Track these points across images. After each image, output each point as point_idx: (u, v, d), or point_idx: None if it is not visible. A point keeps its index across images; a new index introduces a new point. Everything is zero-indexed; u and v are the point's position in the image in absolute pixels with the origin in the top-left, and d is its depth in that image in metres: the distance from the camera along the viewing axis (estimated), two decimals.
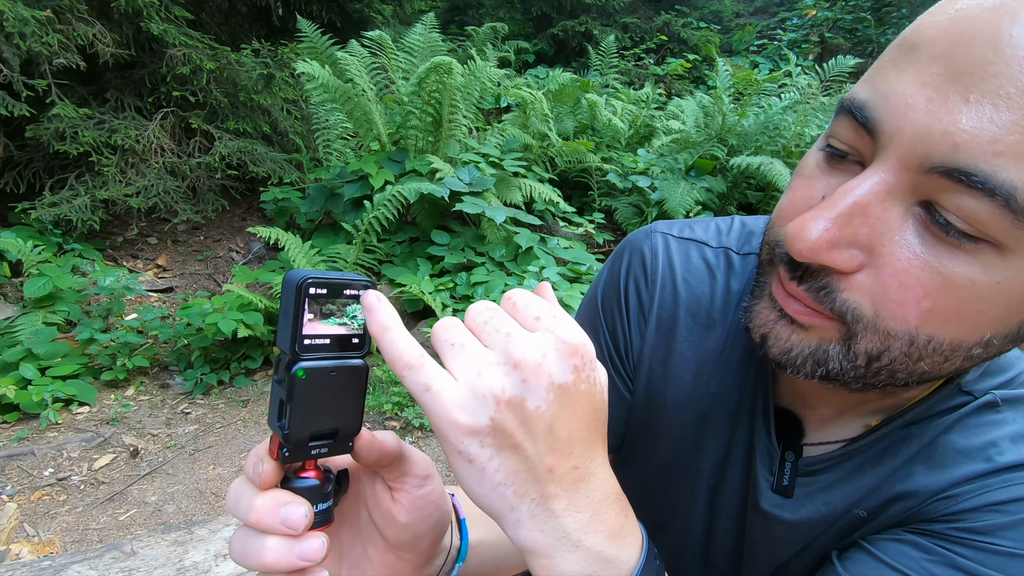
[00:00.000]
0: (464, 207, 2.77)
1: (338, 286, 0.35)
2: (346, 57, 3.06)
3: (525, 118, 3.82)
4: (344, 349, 0.35)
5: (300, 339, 0.33)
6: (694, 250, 0.59)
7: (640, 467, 0.64)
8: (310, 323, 0.34)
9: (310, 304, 0.33)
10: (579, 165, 3.93)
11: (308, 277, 0.33)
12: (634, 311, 0.59)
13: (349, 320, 0.35)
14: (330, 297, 0.34)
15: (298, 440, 0.35)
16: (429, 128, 3.23)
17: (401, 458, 0.39)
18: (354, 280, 0.35)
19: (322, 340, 0.34)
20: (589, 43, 5.85)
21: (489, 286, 2.58)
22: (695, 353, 0.57)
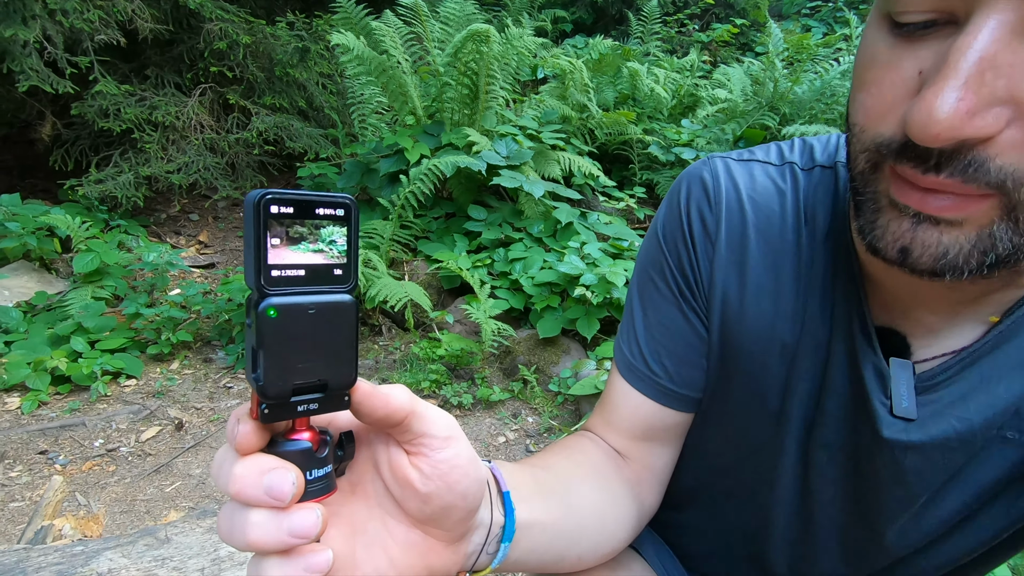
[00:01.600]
0: (501, 181, 2.69)
1: (307, 204, 0.29)
2: (381, 27, 2.99)
3: (563, 89, 3.68)
4: (324, 282, 0.30)
5: (266, 270, 0.28)
6: (758, 169, 0.54)
7: (716, 421, 0.58)
8: (277, 250, 0.28)
9: (273, 226, 0.28)
10: (619, 137, 3.79)
11: (268, 193, 0.28)
12: (699, 237, 0.54)
13: (326, 246, 0.30)
14: (298, 217, 0.29)
15: (277, 393, 0.29)
16: (465, 100, 3.14)
17: (414, 415, 0.33)
18: (327, 198, 0.30)
19: (294, 271, 0.29)
20: (629, 9, 5.60)
21: (527, 262, 2.51)
22: (771, 279, 0.51)
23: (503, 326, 2.16)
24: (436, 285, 2.68)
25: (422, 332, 2.52)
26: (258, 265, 0.28)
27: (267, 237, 0.28)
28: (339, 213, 0.31)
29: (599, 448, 0.59)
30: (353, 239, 0.31)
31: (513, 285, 2.50)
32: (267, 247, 0.28)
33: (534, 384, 2.18)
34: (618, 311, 2.25)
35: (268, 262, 0.28)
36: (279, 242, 0.28)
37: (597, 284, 2.15)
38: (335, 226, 0.30)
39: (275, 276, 0.28)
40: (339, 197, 0.30)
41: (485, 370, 2.28)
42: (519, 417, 2.10)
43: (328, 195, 0.30)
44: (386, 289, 2.22)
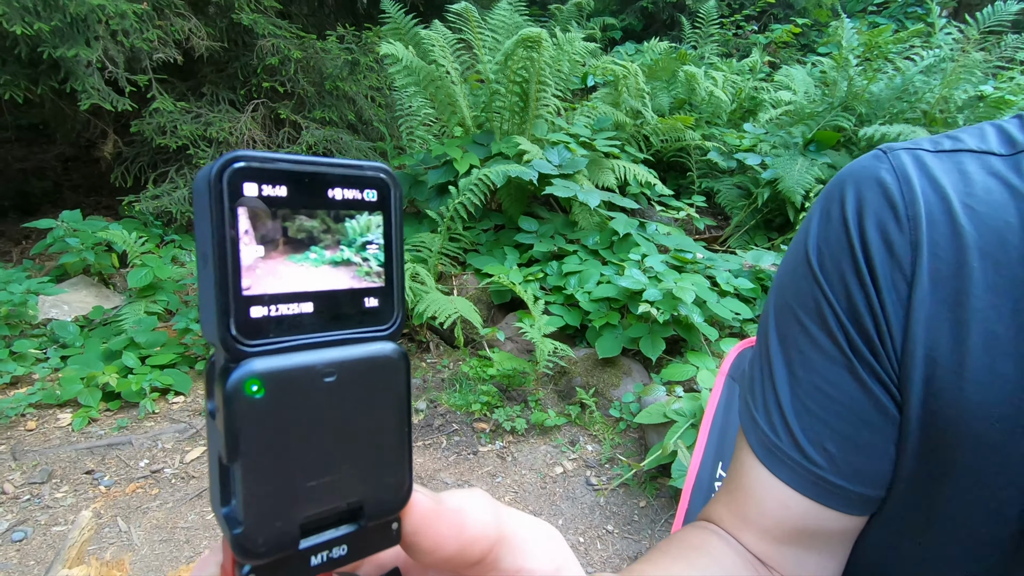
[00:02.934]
0: (554, 190, 2.55)
1: (313, 178, 0.16)
2: (430, 35, 2.92)
3: (616, 95, 3.53)
4: (348, 322, 0.17)
5: (240, 307, 0.15)
6: (971, 163, 0.38)
7: (913, 534, 0.41)
8: (260, 268, 0.16)
9: (255, 223, 0.15)
10: (676, 144, 3.60)
11: (237, 160, 0.15)
12: (882, 267, 0.38)
13: (353, 252, 0.17)
14: (298, 205, 0.16)
15: (271, 545, 0.16)
16: (515, 108, 3.03)
17: (503, 544, 0.20)
18: (347, 168, 0.17)
19: (295, 306, 0.16)
20: (682, 14, 5.41)
21: (583, 276, 2.35)
22: (1011, 327, 0.34)
23: (561, 346, 2.01)
24: (486, 300, 2.56)
25: (472, 350, 2.39)
26: (224, 299, 0.15)
27: (238, 246, 0.15)
28: (369, 196, 0.17)
29: (731, 551, 0.43)
30: (395, 240, 0.18)
31: (568, 300, 2.35)
32: (239, 264, 0.15)
33: (593, 408, 2.01)
34: (685, 330, 2.06)
35: (243, 292, 0.15)
36: (264, 252, 0.16)
37: (662, 300, 1.97)
38: (364, 218, 0.17)
39: (258, 318, 0.16)
40: (367, 167, 0.17)
41: (539, 392, 2.13)
42: (577, 445, 1.93)
43: (348, 163, 0.17)
44: (435, 304, 2.10)
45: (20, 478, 1.71)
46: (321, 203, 0.16)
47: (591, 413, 2.01)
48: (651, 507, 1.67)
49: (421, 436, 1.96)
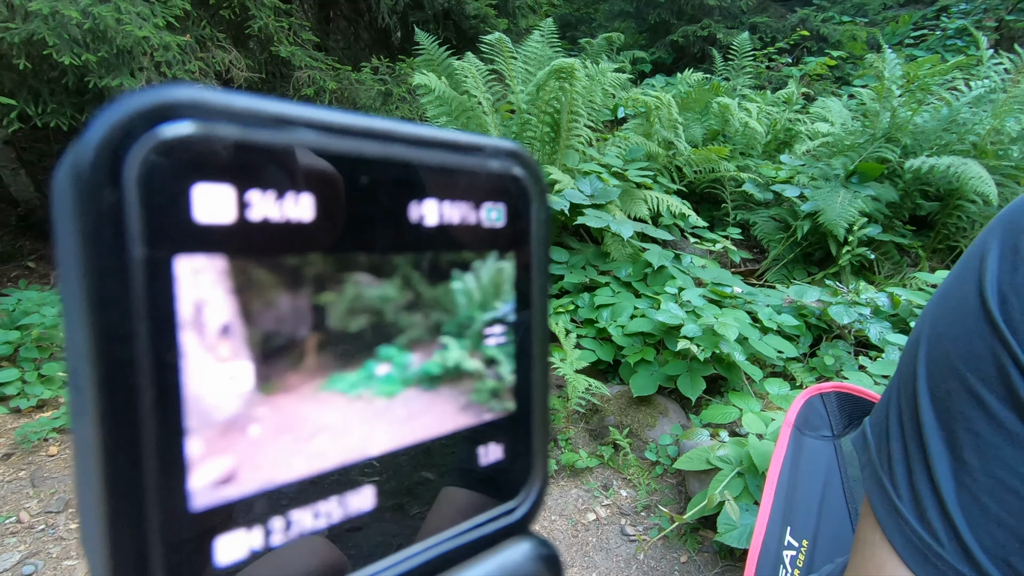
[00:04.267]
0: (587, 220, 2.49)
1: (375, 170, 0.10)
2: (463, 66, 2.94)
3: (648, 126, 3.49)
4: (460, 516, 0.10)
5: (177, 539, 0.08)
6: None
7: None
8: (233, 423, 0.08)
9: (233, 295, 0.09)
10: (710, 175, 3.53)
11: (167, 111, 0.08)
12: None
13: (469, 349, 0.10)
14: (338, 245, 0.09)
15: None
16: (546, 138, 3.01)
17: None
18: (455, 148, 0.10)
19: (328, 506, 0.09)
20: (713, 47, 5.40)
21: (616, 309, 2.26)
22: None
23: (594, 382, 1.91)
24: None
25: None
26: (124, 517, 0.08)
27: (178, 364, 0.08)
28: (491, 218, 0.11)
29: None
30: (538, 315, 0.11)
31: (600, 334, 2.25)
32: (180, 414, 0.08)
33: (627, 450, 1.89)
34: (726, 369, 1.94)
35: (191, 499, 0.08)
36: (253, 378, 0.09)
37: (703, 336, 1.86)
38: (486, 265, 0.10)
39: (232, 567, 0.09)
40: (488, 148, 0.11)
41: (569, 430, 2.03)
42: (611, 489, 1.81)
43: (446, 138, 0.10)
44: None
45: (37, 506, 1.67)
46: (391, 235, 0.09)
47: (625, 455, 1.89)
48: (693, 563, 1.54)
49: None
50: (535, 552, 0.10)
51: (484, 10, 4.31)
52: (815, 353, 2.18)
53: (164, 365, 0.08)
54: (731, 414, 1.76)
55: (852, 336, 2.21)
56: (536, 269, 0.11)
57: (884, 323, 2.13)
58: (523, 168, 0.10)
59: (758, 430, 1.58)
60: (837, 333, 2.26)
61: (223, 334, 0.08)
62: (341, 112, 0.09)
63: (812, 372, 2.08)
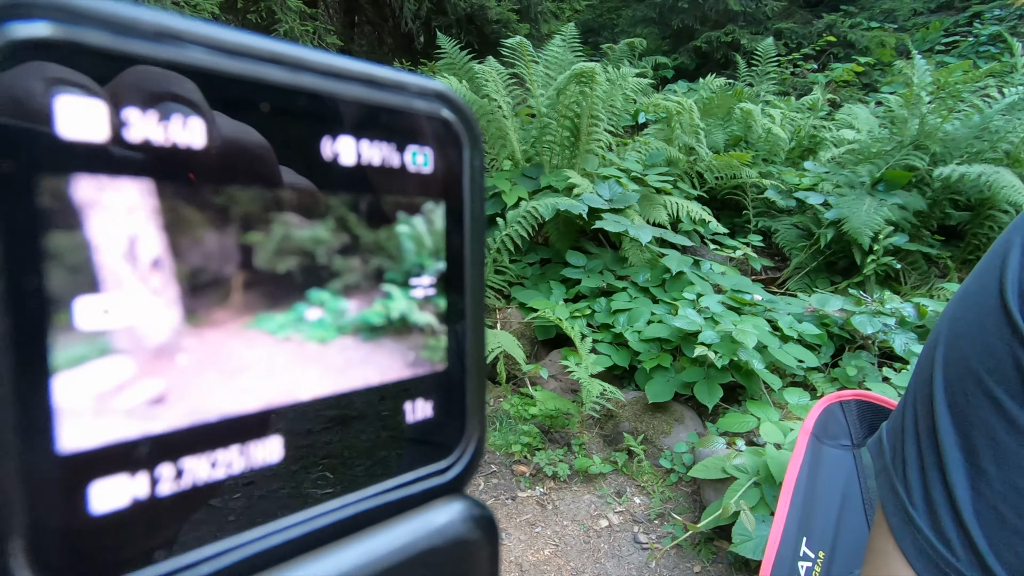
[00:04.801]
0: (605, 225, 2.48)
1: (283, 96, 0.09)
2: (483, 70, 2.96)
3: (669, 131, 3.46)
4: (362, 470, 0.09)
5: (47, 483, 0.07)
6: None
7: None
8: (134, 351, 0.08)
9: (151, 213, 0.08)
10: (731, 181, 3.48)
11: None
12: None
13: (409, 299, 0.10)
14: (251, 176, 0.09)
15: None
16: (566, 142, 3.00)
17: None
18: (374, 82, 0.11)
19: (229, 455, 0.09)
20: (737, 53, 5.35)
21: (632, 314, 2.24)
22: None
23: (609, 387, 1.90)
24: (530, 335, 2.47)
25: (513, 387, 2.30)
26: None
27: (43, 286, 0.08)
28: (416, 161, 0.11)
29: None
30: (470, 264, 0.11)
31: (616, 339, 2.23)
32: (44, 338, 0.08)
33: (641, 457, 1.87)
34: (745, 377, 1.91)
35: (58, 441, 0.08)
36: (181, 307, 0.09)
37: (721, 343, 1.84)
38: (416, 216, 0.10)
39: (113, 516, 0.08)
40: (412, 86, 0.11)
41: (583, 435, 2.01)
42: (624, 496, 1.79)
43: (363, 70, 0.11)
44: None
45: None
46: (301, 171, 0.09)
47: (639, 462, 1.87)
48: (707, 573, 1.51)
49: None
50: (466, 512, 0.10)
51: (506, 15, 4.33)
52: (837, 363, 2.14)
53: (25, 290, 0.07)
54: (749, 423, 1.72)
55: (876, 347, 2.16)
56: (468, 219, 0.10)
57: (910, 334, 2.07)
58: (453, 111, 0.10)
59: (776, 440, 1.55)
60: (860, 343, 2.21)
61: (154, 267, 0.08)
62: (243, 32, 0.09)
63: (834, 383, 2.03)
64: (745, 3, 5.70)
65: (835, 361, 2.17)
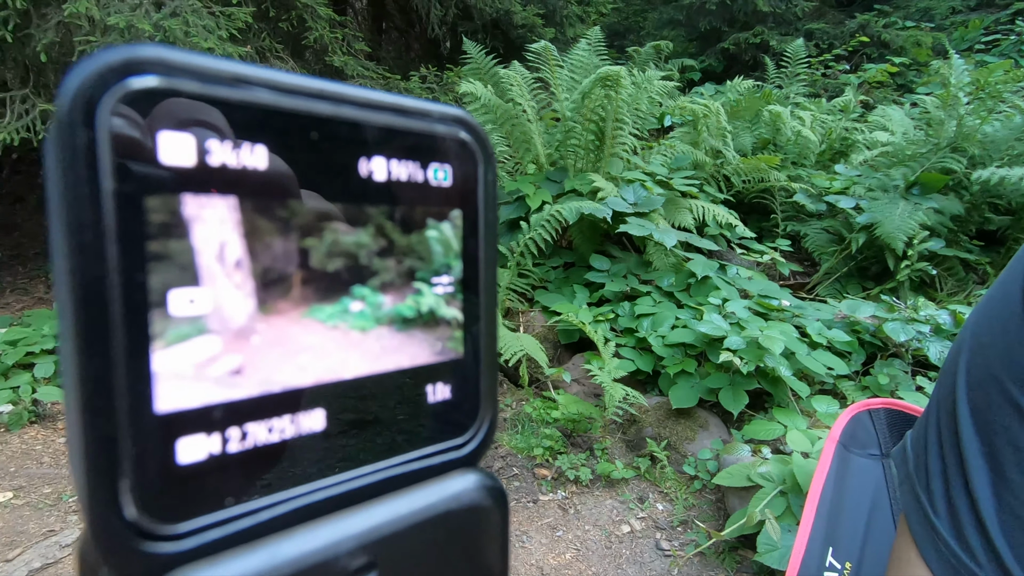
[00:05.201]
0: (629, 229, 2.47)
1: (327, 128, 0.11)
2: (508, 74, 2.97)
3: (696, 134, 3.43)
4: (391, 441, 0.11)
5: (146, 444, 0.10)
6: None
7: None
8: (208, 336, 0.11)
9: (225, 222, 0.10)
10: (759, 185, 3.43)
11: (135, 66, 0.09)
12: None
13: (435, 296, 0.11)
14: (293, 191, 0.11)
15: None
16: (590, 146, 3.00)
17: None
18: (403, 111, 0.11)
19: (282, 423, 0.11)
20: (766, 54, 5.27)
21: (656, 318, 2.23)
22: None
23: (632, 392, 1.88)
24: (552, 339, 2.47)
25: (536, 390, 2.30)
26: (101, 426, 0.09)
27: (145, 284, 0.10)
28: (436, 177, 0.12)
29: None
30: (484, 267, 0.12)
31: (640, 344, 2.22)
32: (147, 328, 0.10)
33: (664, 463, 1.85)
34: (771, 384, 1.88)
35: (157, 405, 0.10)
36: (248, 305, 0.11)
37: (746, 349, 1.81)
38: (440, 224, 0.12)
39: (195, 467, 0.11)
40: (435, 114, 0.12)
41: (606, 440, 2.00)
42: (646, 502, 1.78)
43: (394, 102, 0.12)
44: (501, 341, 2.04)
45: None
46: (343, 186, 0.11)
47: (662, 468, 1.85)
48: None
49: None
50: (480, 482, 0.11)
51: (532, 20, 4.35)
52: (868, 371, 2.08)
53: (133, 284, 0.09)
54: (775, 430, 1.70)
55: (910, 355, 2.10)
56: (482, 226, 0.12)
57: (946, 342, 2.01)
58: (469, 133, 0.12)
59: (803, 448, 1.52)
60: (893, 351, 2.15)
61: (237, 266, 0.10)
62: (294, 75, 0.11)
63: (864, 391, 1.98)
64: (774, 4, 5.62)
65: (866, 369, 2.12)
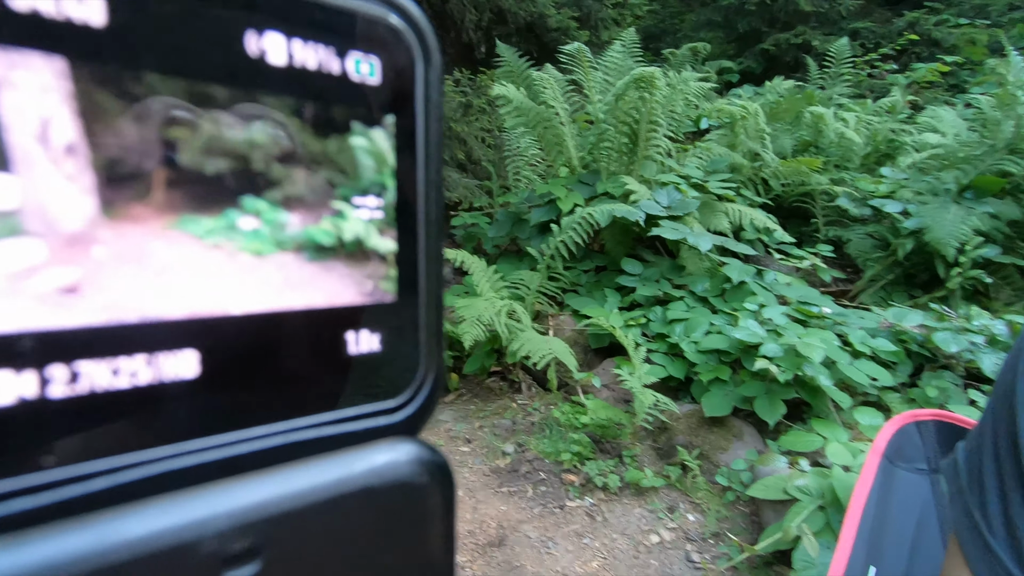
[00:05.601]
0: (662, 232, 2.42)
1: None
2: (542, 77, 2.97)
3: (733, 136, 3.35)
4: (295, 397, 0.09)
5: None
6: None
7: None
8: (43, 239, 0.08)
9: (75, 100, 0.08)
10: (799, 188, 3.32)
11: None
12: None
13: (354, 220, 0.09)
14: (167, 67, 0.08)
15: None
16: (623, 149, 2.96)
17: None
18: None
19: (130, 362, 0.09)
20: (808, 55, 5.12)
21: (690, 324, 2.17)
22: None
23: (663, 399, 1.84)
24: (582, 343, 2.44)
25: (565, 394, 2.28)
26: None
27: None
28: (359, 71, 0.09)
29: None
30: (423, 195, 0.10)
31: (672, 350, 2.17)
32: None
33: (696, 472, 1.80)
34: (810, 393, 1.80)
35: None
36: (88, 208, 0.09)
37: (784, 357, 1.75)
38: (364, 131, 0.09)
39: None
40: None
41: (635, 447, 1.96)
42: (676, 512, 1.73)
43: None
44: (530, 344, 2.03)
45: None
46: (221, 65, 0.08)
47: (694, 477, 1.80)
48: None
49: (506, 482, 1.86)
50: (414, 454, 0.09)
51: (566, 23, 4.34)
52: (916, 383, 1.98)
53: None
54: (814, 442, 1.63)
55: (962, 367, 1.99)
56: (422, 138, 0.09)
57: (1001, 354, 1.89)
58: (403, 18, 0.09)
59: (844, 462, 1.45)
60: (943, 363, 2.04)
61: (68, 152, 0.08)
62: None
63: (911, 403, 1.89)
64: (817, 3, 5.46)
65: (913, 381, 2.02)
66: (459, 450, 1.99)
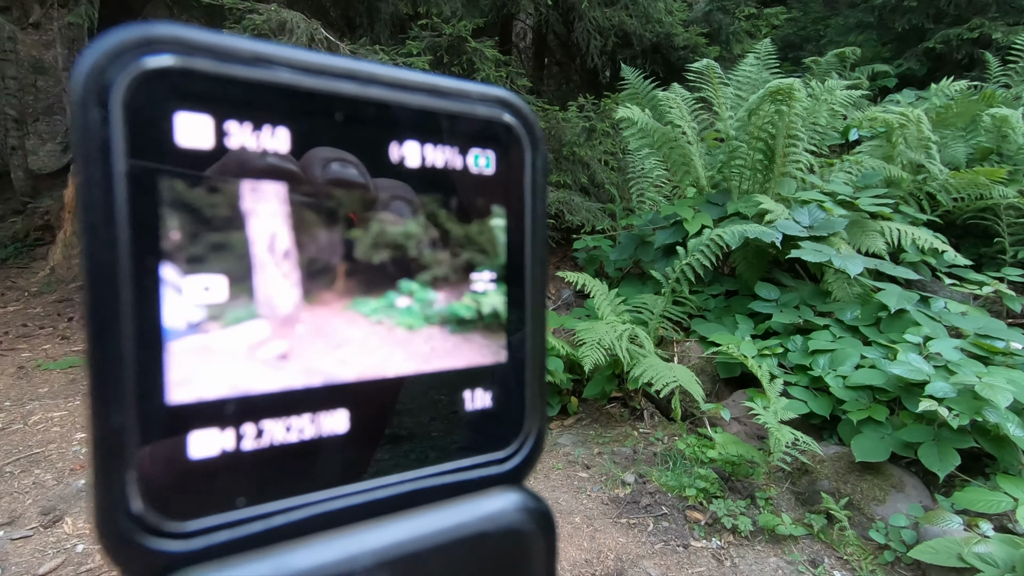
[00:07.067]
0: (802, 254, 2.22)
1: (358, 108, 0.10)
2: (667, 96, 2.90)
3: (889, 147, 3.00)
4: (421, 450, 0.10)
5: (155, 430, 0.09)
6: None
7: None
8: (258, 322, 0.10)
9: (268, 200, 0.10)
10: (976, 203, 2.88)
11: (151, 43, 0.09)
12: None
13: (484, 293, 0.10)
14: (318, 179, 0.10)
15: None
16: (758, 166, 2.78)
17: None
18: (432, 90, 0.10)
19: (300, 422, 0.10)
20: (986, 50, 4.45)
21: (836, 356, 1.96)
22: None
23: (804, 437, 1.67)
24: (710, 372, 2.30)
25: (690, 426, 2.16)
26: (111, 416, 0.09)
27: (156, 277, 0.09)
28: (477, 163, 0.11)
29: None
30: (531, 267, 0.11)
31: (815, 384, 1.97)
32: (158, 307, 0.09)
33: (844, 524, 1.60)
34: (994, 444, 1.53)
35: (167, 396, 0.10)
36: (290, 295, 0.11)
37: (957, 398, 1.50)
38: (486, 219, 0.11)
39: (205, 463, 0.10)
40: (474, 94, 0.11)
41: (770, 488, 1.79)
42: (820, 567, 1.54)
43: (420, 80, 0.11)
44: (652, 370, 1.96)
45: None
46: (372, 172, 0.10)
47: (842, 530, 1.60)
48: None
49: (626, 513, 1.79)
50: (521, 503, 0.10)
51: (694, 40, 4.22)
52: None
53: (144, 269, 0.09)
54: (999, 503, 1.37)
55: None
56: (530, 218, 0.10)
57: None
58: (514, 115, 0.10)
59: None
60: None
61: (285, 256, 0.11)
62: (318, 53, 0.10)
63: None
64: None
65: None
66: (577, 475, 1.96)
